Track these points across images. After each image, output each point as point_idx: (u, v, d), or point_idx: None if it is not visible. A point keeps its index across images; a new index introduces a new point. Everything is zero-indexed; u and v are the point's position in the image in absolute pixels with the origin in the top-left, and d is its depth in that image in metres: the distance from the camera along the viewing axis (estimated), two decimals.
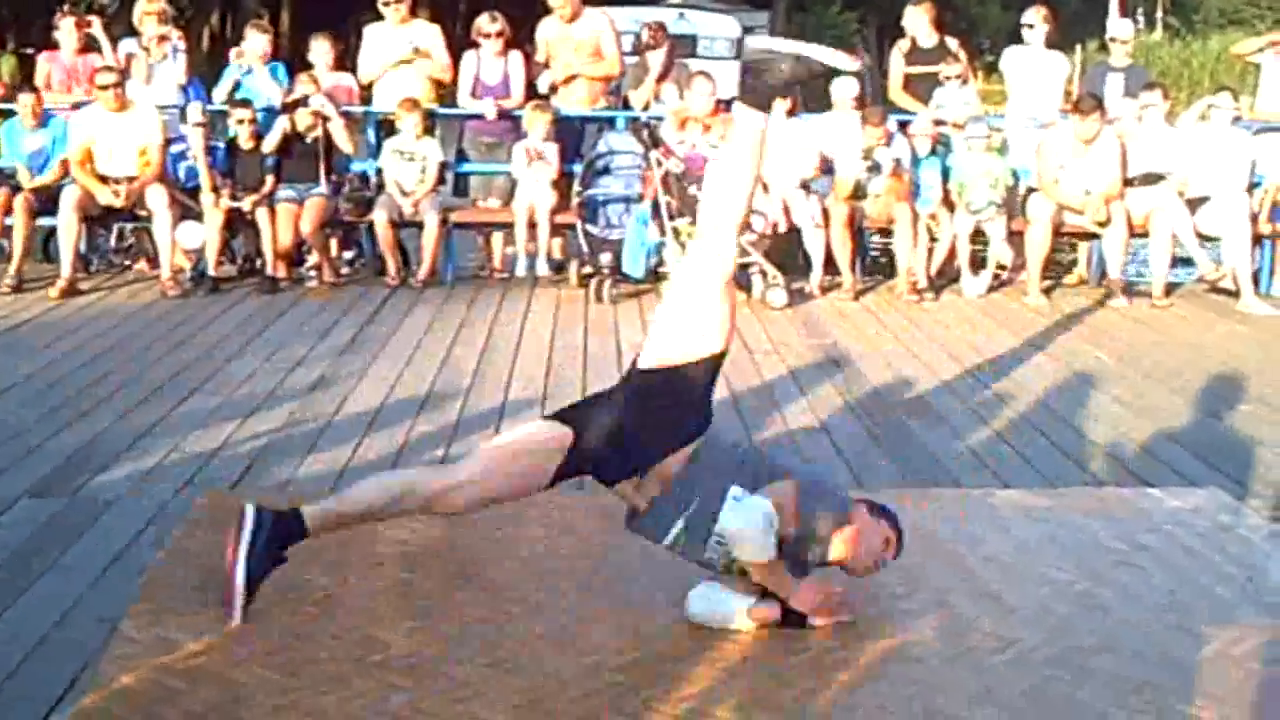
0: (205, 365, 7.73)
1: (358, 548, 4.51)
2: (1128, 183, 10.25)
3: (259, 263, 10.29)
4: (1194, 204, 10.24)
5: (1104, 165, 10.13)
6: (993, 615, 4.04)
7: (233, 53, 11.23)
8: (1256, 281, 10.34)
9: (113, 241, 11.01)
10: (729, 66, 17.74)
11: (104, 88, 9.95)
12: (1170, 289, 10.36)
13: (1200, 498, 5.29)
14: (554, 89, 11.05)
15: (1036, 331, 9.05)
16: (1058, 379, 7.73)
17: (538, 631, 3.87)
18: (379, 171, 10.56)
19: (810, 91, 11.33)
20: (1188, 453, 6.28)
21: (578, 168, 10.43)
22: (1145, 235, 10.32)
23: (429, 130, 10.57)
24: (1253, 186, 10.53)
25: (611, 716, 3.41)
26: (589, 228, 10.07)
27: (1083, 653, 3.80)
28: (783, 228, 10.12)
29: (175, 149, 10.36)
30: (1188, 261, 10.78)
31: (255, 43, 11.00)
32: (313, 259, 10.41)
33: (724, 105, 10.66)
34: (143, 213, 10.02)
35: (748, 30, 21.53)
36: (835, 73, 8.12)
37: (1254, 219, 10.30)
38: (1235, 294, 10.13)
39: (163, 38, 10.83)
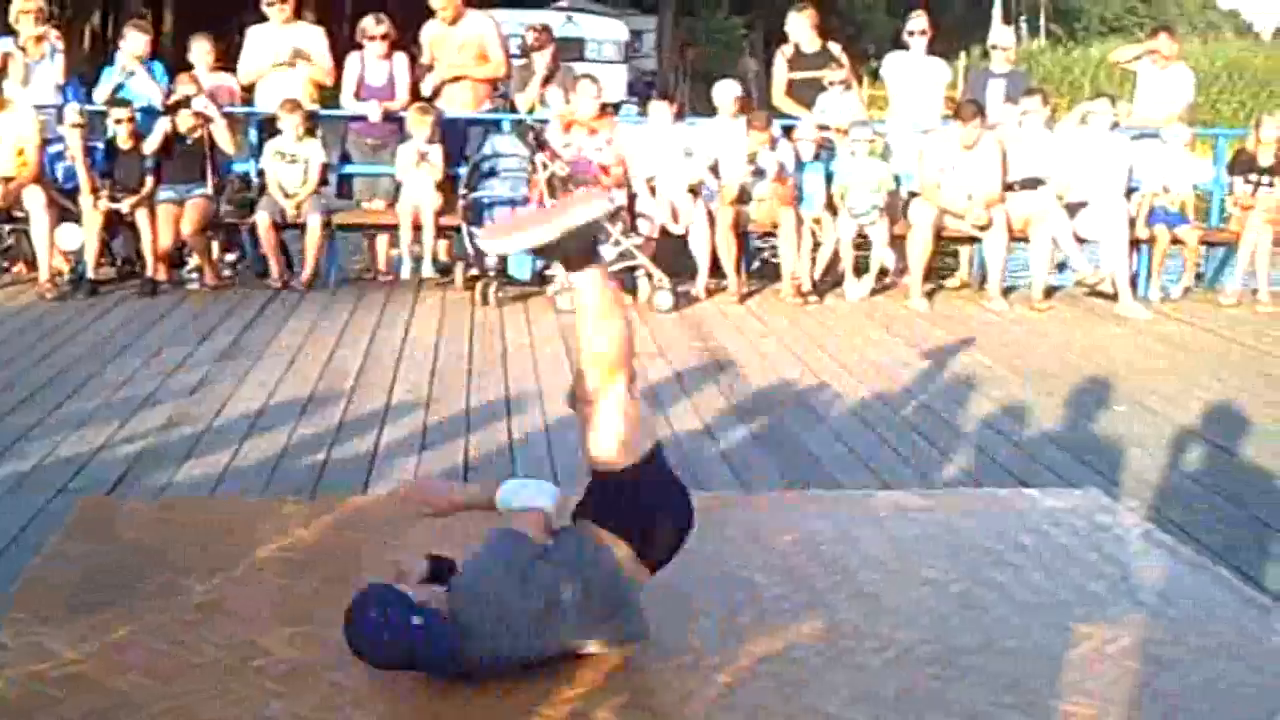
0: (83, 369, 7.62)
1: (236, 553, 4.46)
2: (1008, 187, 10.40)
3: (139, 265, 10.16)
4: (1073, 208, 10.40)
5: (985, 170, 10.27)
6: (870, 615, 4.06)
7: (118, 54, 11.06)
8: (1134, 285, 10.52)
9: None
10: (617, 70, 17.81)
11: None
12: (1050, 292, 10.51)
13: (1076, 498, 5.36)
14: (437, 91, 11.00)
15: (918, 334, 9.15)
16: (938, 381, 7.81)
17: None
18: (261, 173, 10.46)
19: (697, 94, 11.39)
20: (1065, 453, 6.38)
21: (463, 170, 10.40)
22: (1025, 239, 10.46)
23: (311, 131, 10.50)
24: (1130, 191, 10.72)
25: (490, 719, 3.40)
26: (475, 230, 10.04)
27: (959, 651, 3.83)
28: (674, 231, 10.14)
29: (53, 149, 10.20)
30: (1061, 265, 10.94)
31: (135, 42, 10.84)
32: (194, 261, 10.30)
33: (610, 109, 10.70)
34: (20, 214, 9.86)
35: (636, 34, 21.61)
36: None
37: (1131, 223, 10.48)
38: (1113, 297, 10.30)
39: (40, 37, 10.65)
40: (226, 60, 11.24)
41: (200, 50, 10.89)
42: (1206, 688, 3.66)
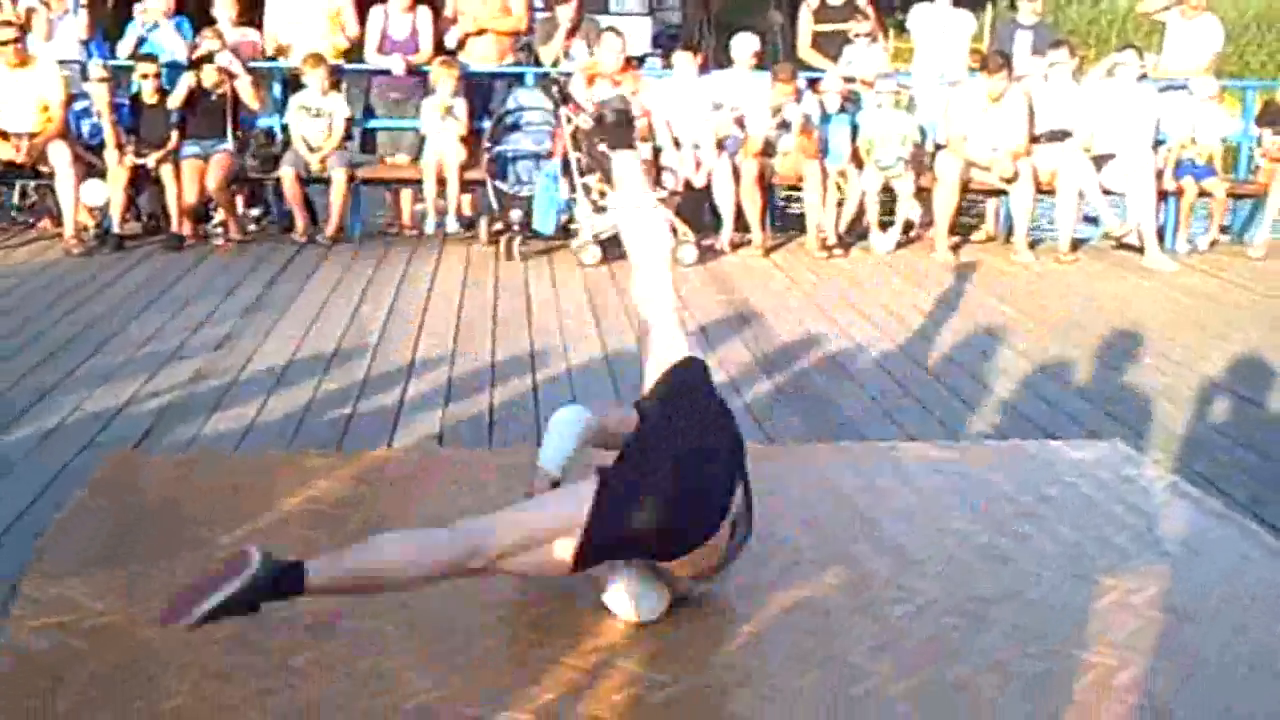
0: (109, 324, 7.64)
1: (261, 506, 4.49)
2: (1034, 140, 10.34)
3: (164, 220, 10.17)
4: (1100, 161, 10.34)
5: (1011, 123, 10.22)
6: (895, 566, 4.07)
7: (137, 8, 11.05)
8: (1161, 237, 10.46)
9: (15, 199, 10.82)
10: (641, 22, 17.73)
11: (4, 43, 9.76)
12: (1076, 245, 10.47)
13: (1102, 450, 5.36)
14: (461, 44, 10.98)
15: (944, 287, 9.12)
16: (963, 333, 7.79)
17: (443, 587, 3.84)
18: (285, 128, 10.46)
19: (721, 47, 11.35)
20: (1090, 406, 6.36)
21: (486, 124, 10.38)
22: (1052, 192, 10.41)
23: (335, 86, 10.48)
24: (1157, 144, 10.65)
25: (519, 669, 3.42)
26: (498, 184, 10.03)
27: (984, 602, 3.84)
28: (696, 184, 10.12)
29: (78, 105, 10.20)
30: (1094, 218, 10.90)
31: None
32: (218, 216, 10.30)
33: (634, 62, 10.65)
34: (46, 170, 9.86)
35: None
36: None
37: (1158, 176, 10.42)
38: (1140, 250, 10.25)
39: None
40: (250, 14, 11.22)
41: (224, 5, 10.86)
42: (1231, 639, 3.66)
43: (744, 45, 10.72)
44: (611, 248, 9.57)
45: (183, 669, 3.38)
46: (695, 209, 10.35)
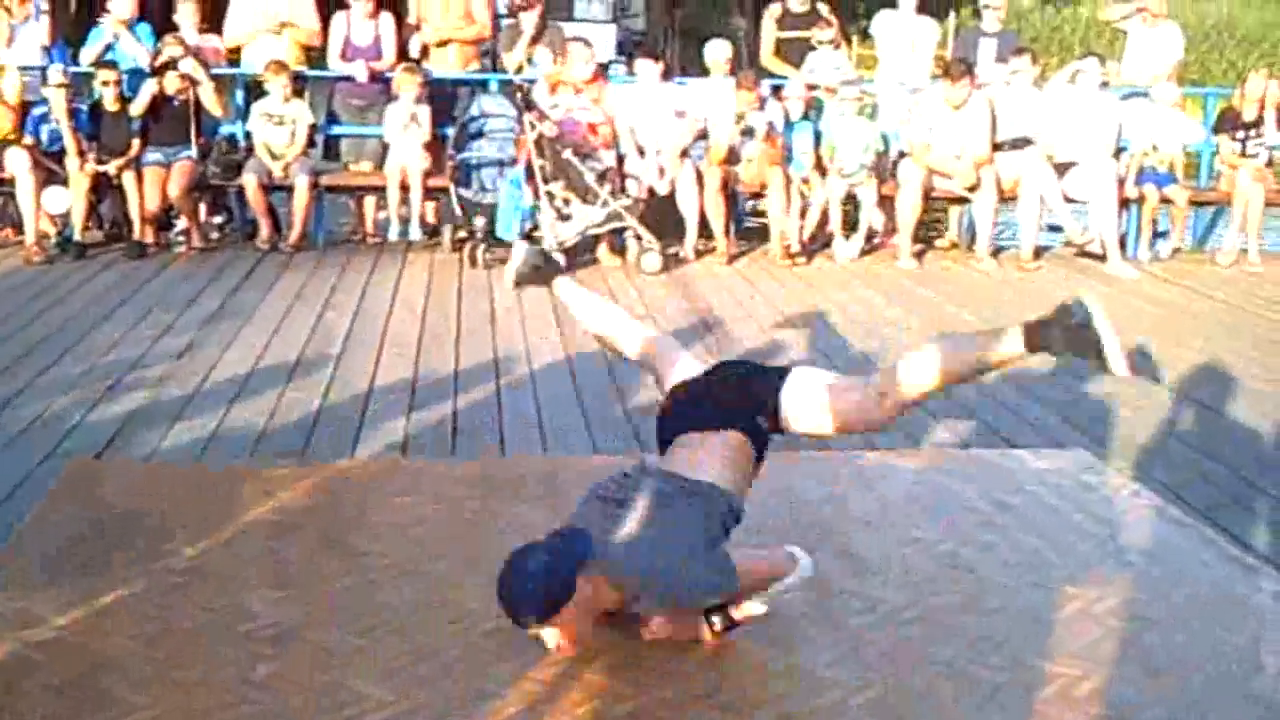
0: (70, 332, 7.61)
1: (223, 516, 4.47)
2: (997, 147, 10.38)
3: (126, 228, 10.13)
4: (1062, 169, 10.39)
5: (974, 130, 10.26)
6: (857, 575, 4.07)
7: (105, 17, 10.99)
8: (1123, 245, 10.51)
9: None
10: (605, 29, 17.69)
11: None
12: (1039, 252, 10.52)
13: (1064, 458, 5.37)
14: (425, 53, 10.97)
15: (907, 295, 9.15)
16: (926, 342, 7.80)
17: (406, 598, 3.85)
18: (248, 135, 10.43)
19: (686, 53, 11.35)
20: (1052, 414, 6.39)
21: (450, 131, 10.37)
22: (1015, 199, 10.46)
23: (298, 93, 10.46)
24: (1119, 151, 10.70)
25: (482, 683, 3.40)
26: (462, 191, 10.01)
27: (945, 611, 3.84)
28: (660, 192, 10.13)
29: (37, 111, 10.14)
30: (1057, 226, 10.94)
31: (121, 5, 10.78)
32: (181, 224, 10.27)
33: (601, 70, 10.66)
34: (5, 177, 9.81)
35: None
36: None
37: (1120, 183, 10.47)
38: (1102, 258, 10.31)
39: None
40: (212, 21, 11.19)
41: (186, 11, 10.83)
42: (1191, 646, 3.67)
43: (718, 51, 10.74)
44: (575, 255, 9.59)
45: (141, 682, 3.36)
46: (659, 216, 10.35)
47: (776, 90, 10.72)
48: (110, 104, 9.91)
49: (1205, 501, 5.16)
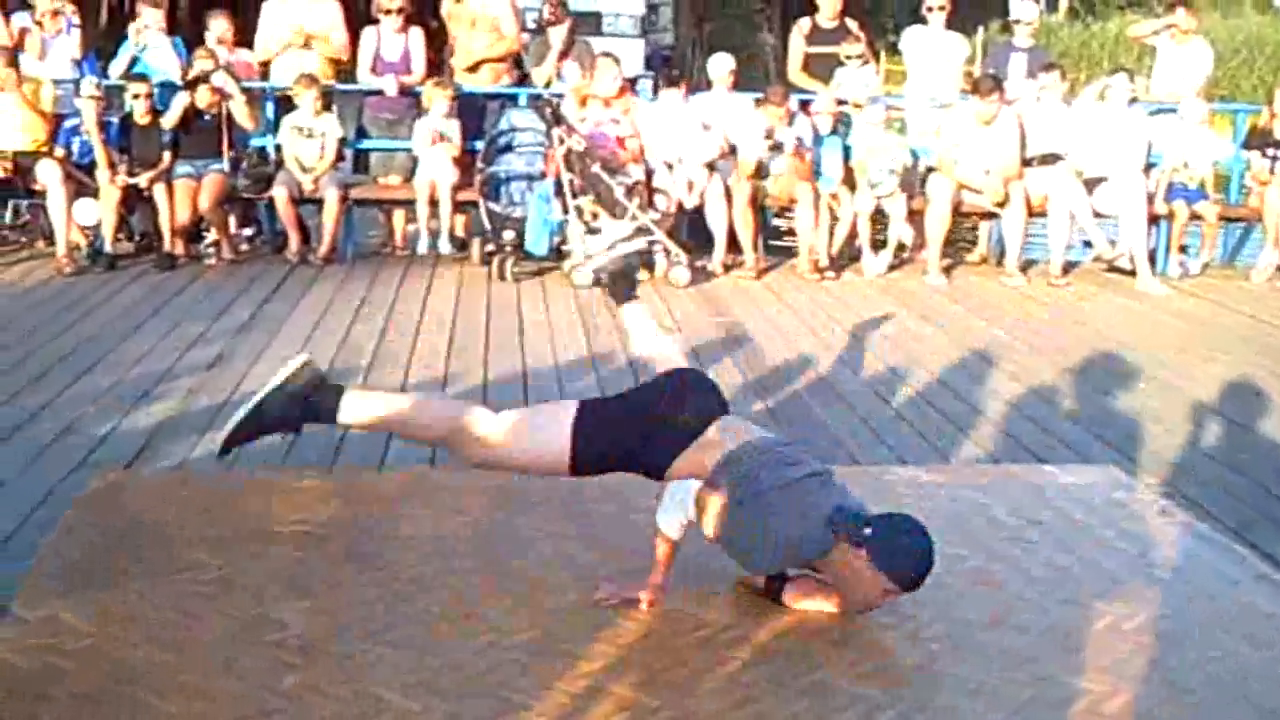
0: (101, 343, 7.64)
1: (251, 527, 4.47)
2: (1026, 163, 10.36)
3: (156, 240, 10.17)
4: (1091, 184, 10.36)
5: (1003, 145, 10.24)
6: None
7: (131, 27, 11.06)
8: (1152, 261, 10.48)
9: (8, 218, 10.81)
10: (634, 44, 17.71)
11: None
12: (1068, 268, 10.49)
13: (1094, 474, 5.35)
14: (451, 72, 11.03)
15: (935, 310, 9.13)
16: (955, 357, 7.80)
17: (432, 610, 3.85)
18: (278, 148, 10.47)
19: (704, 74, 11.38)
20: (1082, 430, 6.37)
21: (480, 145, 10.39)
22: (1044, 215, 10.44)
23: (327, 106, 10.50)
24: (1149, 167, 10.67)
25: (507, 694, 3.40)
26: (491, 205, 10.03)
27: (974, 627, 3.83)
28: (688, 206, 10.13)
29: (69, 124, 10.20)
30: (1087, 242, 10.91)
31: (149, 17, 10.85)
32: (211, 236, 10.31)
33: (629, 85, 10.68)
34: (37, 189, 9.86)
35: (652, 8, 21.48)
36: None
37: (1150, 199, 10.43)
38: (1131, 273, 10.28)
39: (56, 12, 10.69)
40: (243, 36, 11.24)
41: (218, 27, 10.88)
42: (1221, 665, 3.65)
43: (720, 65, 10.77)
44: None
45: (168, 691, 3.36)
46: (689, 231, 10.37)
47: (805, 105, 10.72)
48: (141, 117, 9.96)
49: (1235, 518, 5.14)
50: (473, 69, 11.01)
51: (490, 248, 10.16)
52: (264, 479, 5.23)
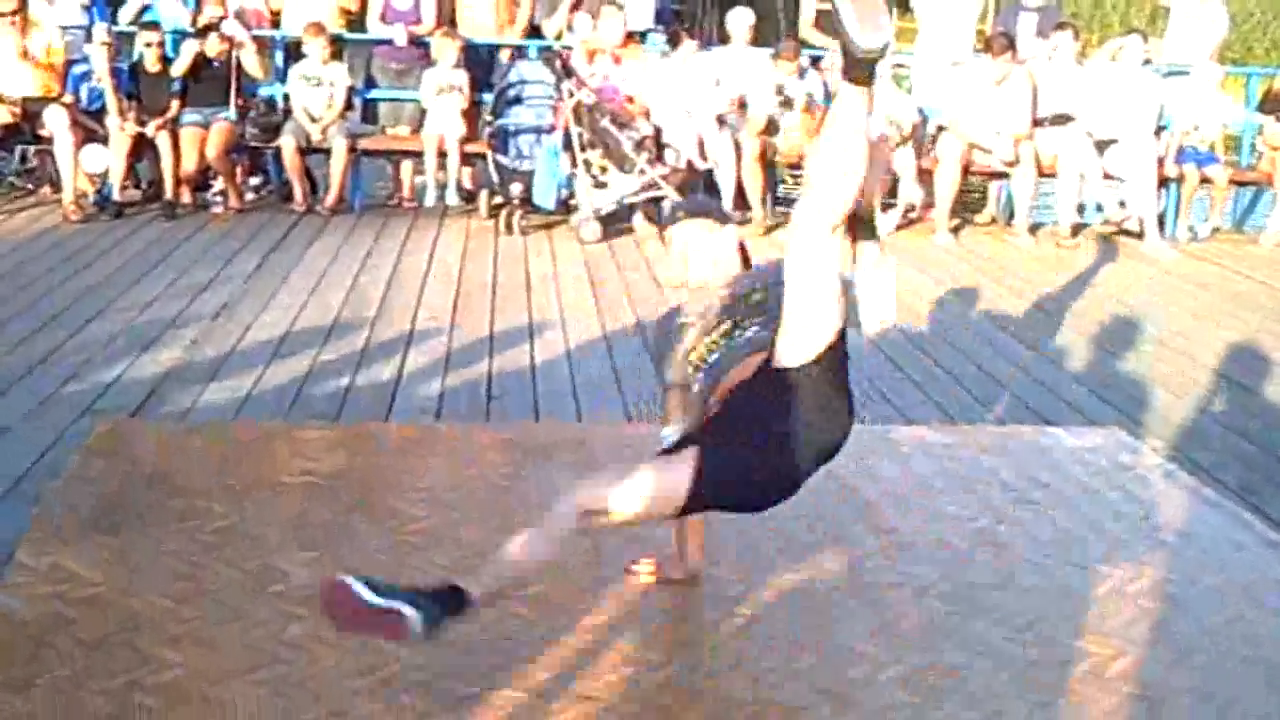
0: (107, 291, 7.62)
1: (257, 477, 4.48)
2: (1037, 123, 10.31)
3: (163, 188, 10.13)
4: (1102, 146, 10.31)
5: (1014, 105, 10.19)
6: (891, 550, 4.07)
7: None
8: (1161, 224, 10.44)
9: (15, 164, 10.78)
10: None
11: (4, 14, 9.70)
12: (1077, 229, 10.45)
13: (1100, 436, 5.36)
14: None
15: (943, 269, 9.10)
16: (962, 317, 7.78)
17: (439, 562, 3.86)
18: (286, 97, 10.42)
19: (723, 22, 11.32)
20: (1088, 391, 6.35)
21: (488, 97, 10.35)
22: (1054, 176, 10.40)
23: (336, 55, 10.44)
24: (1160, 129, 10.62)
25: (514, 649, 3.41)
26: (499, 158, 9.99)
27: (979, 588, 3.84)
28: (697, 163, 10.09)
29: (78, 70, 10.15)
30: (1098, 205, 10.88)
31: None
32: (218, 185, 10.28)
33: (637, 37, 10.62)
34: (44, 135, 9.83)
35: None
36: None
37: (1160, 162, 10.39)
38: (1140, 236, 10.24)
39: None
40: None
41: None
42: (1225, 629, 3.66)
43: (740, 20, 10.70)
44: (611, 223, 9.58)
45: (173, 640, 3.37)
46: (699, 189, 10.33)
47: (816, 61, 10.66)
48: (151, 64, 9.90)
49: (1240, 483, 5.13)
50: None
51: (498, 200, 10.12)
52: (270, 428, 5.24)
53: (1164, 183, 10.59)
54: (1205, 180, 10.64)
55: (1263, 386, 6.63)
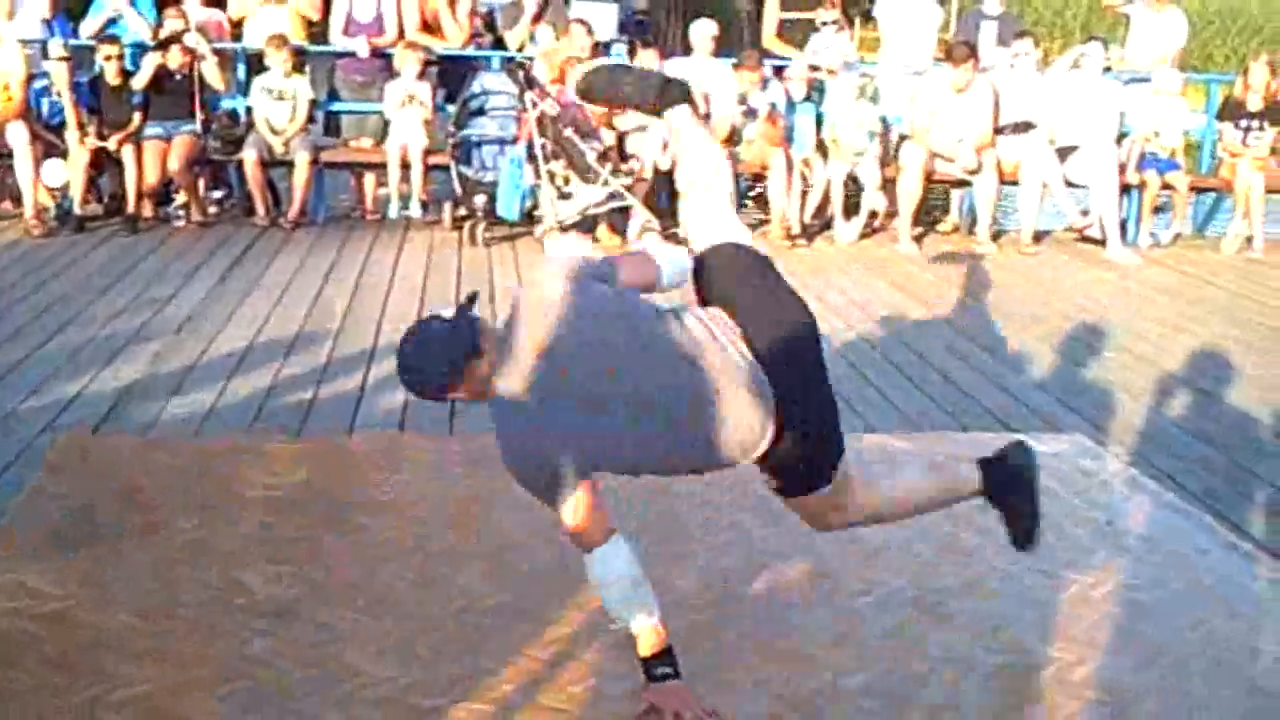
0: (69, 305, 7.58)
1: (221, 491, 4.47)
2: (998, 131, 10.36)
3: (125, 202, 10.09)
4: (1064, 153, 10.37)
5: (976, 113, 10.23)
6: (856, 558, 4.08)
7: None
8: (1123, 230, 10.50)
9: None
10: (607, 8, 17.65)
11: None
12: (1039, 237, 10.50)
13: (1062, 443, 5.38)
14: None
15: (907, 278, 9.13)
16: (925, 324, 7.81)
17: (404, 575, 3.85)
18: (249, 110, 10.39)
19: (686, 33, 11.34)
20: (1051, 398, 6.38)
21: (451, 108, 10.34)
22: (1016, 183, 10.44)
23: (299, 68, 10.42)
24: (1121, 136, 10.68)
25: (479, 660, 3.41)
26: (463, 169, 9.99)
27: (944, 594, 3.85)
28: (663, 168, 10.09)
29: (38, 84, 10.09)
30: (1059, 212, 10.93)
31: None
32: (180, 198, 10.24)
33: (602, 48, 10.63)
34: (4, 150, 9.77)
35: None
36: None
37: (1121, 169, 10.45)
38: (1102, 243, 10.29)
39: None
40: None
41: None
42: (1189, 633, 3.68)
43: (702, 31, 10.72)
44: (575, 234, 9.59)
45: (138, 655, 3.36)
46: (661, 198, 10.33)
47: (779, 71, 10.69)
48: (112, 78, 9.86)
49: (1203, 488, 5.16)
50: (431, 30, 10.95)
51: (462, 212, 10.12)
52: (234, 443, 5.22)
53: (1126, 189, 10.65)
54: (1166, 187, 10.70)
55: (1224, 392, 6.66)
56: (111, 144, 9.73)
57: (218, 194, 10.75)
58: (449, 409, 5.93)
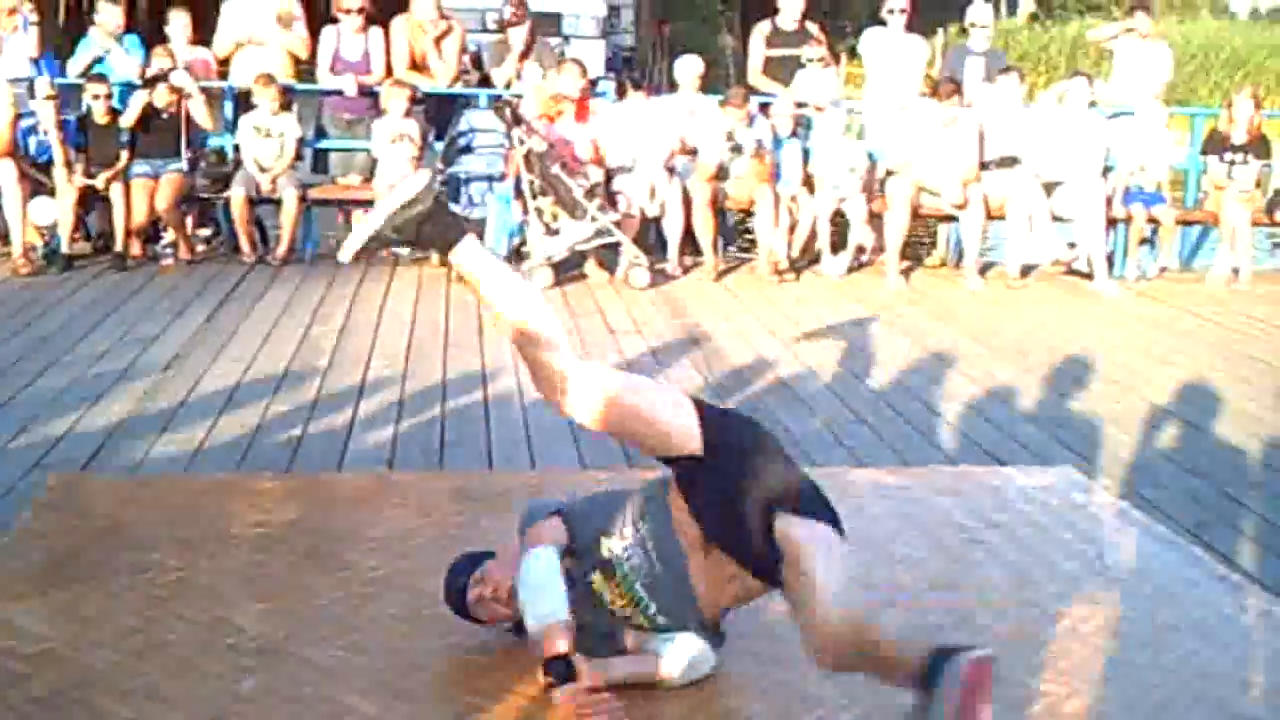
0: (57, 344, 7.58)
1: (209, 529, 4.45)
2: (984, 166, 10.39)
3: (113, 240, 10.10)
4: (1049, 187, 10.40)
5: (962, 149, 10.27)
6: None
7: (93, 29, 10.97)
8: (1110, 264, 10.53)
9: None
10: (594, 45, 17.70)
11: None
12: (1026, 271, 10.53)
13: (1052, 476, 5.37)
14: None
15: (894, 312, 9.16)
16: (914, 359, 7.82)
17: (392, 613, 3.84)
18: (236, 148, 10.41)
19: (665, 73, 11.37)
20: (1040, 431, 6.39)
21: (439, 145, 10.36)
22: (1002, 218, 10.47)
23: (286, 106, 10.44)
24: (1107, 170, 10.72)
25: (468, 698, 3.39)
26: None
27: (933, 629, 3.83)
28: (648, 210, 10.11)
29: (26, 123, 10.11)
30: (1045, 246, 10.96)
31: (107, 15, 10.78)
32: (169, 236, 10.25)
33: (590, 87, 10.66)
34: None
35: (614, 9, 21.48)
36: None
37: (1108, 202, 10.48)
38: (1089, 276, 10.33)
39: (13, 9, 10.58)
40: (202, 33, 11.19)
41: (178, 23, 10.84)
42: (1179, 666, 3.67)
43: (688, 68, 10.76)
44: (563, 270, 9.60)
45: (126, 694, 3.34)
46: (649, 234, 10.36)
47: (765, 108, 10.72)
48: (100, 117, 9.88)
49: (1192, 520, 5.17)
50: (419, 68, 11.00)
51: None
52: (222, 480, 5.22)
53: (1112, 223, 10.69)
54: (1152, 220, 10.74)
55: (1211, 424, 6.68)
56: (99, 182, 9.75)
57: (205, 232, 10.78)
58: (438, 443, 5.94)
